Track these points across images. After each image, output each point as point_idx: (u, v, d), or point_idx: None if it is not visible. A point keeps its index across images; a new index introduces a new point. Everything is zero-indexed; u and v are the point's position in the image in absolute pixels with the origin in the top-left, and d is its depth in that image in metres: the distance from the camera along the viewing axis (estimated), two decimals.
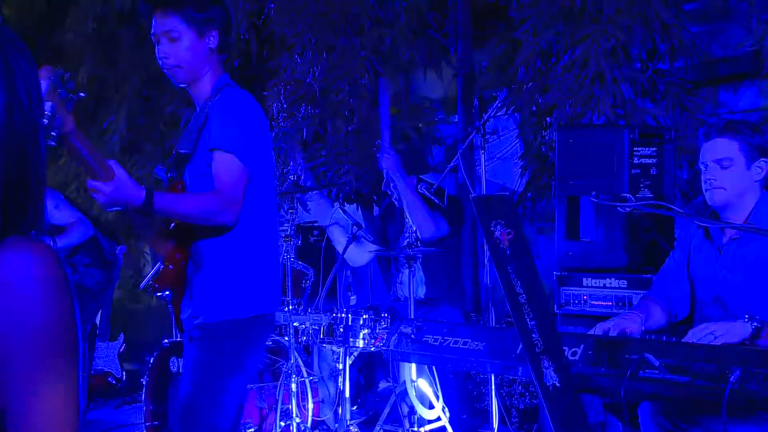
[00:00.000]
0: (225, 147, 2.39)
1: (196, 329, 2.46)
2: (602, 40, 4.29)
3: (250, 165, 2.42)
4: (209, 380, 2.42)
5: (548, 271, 3.74)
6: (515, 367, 2.74)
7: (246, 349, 2.47)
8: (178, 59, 2.50)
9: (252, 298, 2.48)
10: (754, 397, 2.17)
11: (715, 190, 2.82)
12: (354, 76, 5.50)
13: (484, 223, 2.37)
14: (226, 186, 2.37)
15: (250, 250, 2.47)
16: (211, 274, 2.45)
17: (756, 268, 2.76)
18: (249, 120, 2.46)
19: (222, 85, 2.53)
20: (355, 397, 4.25)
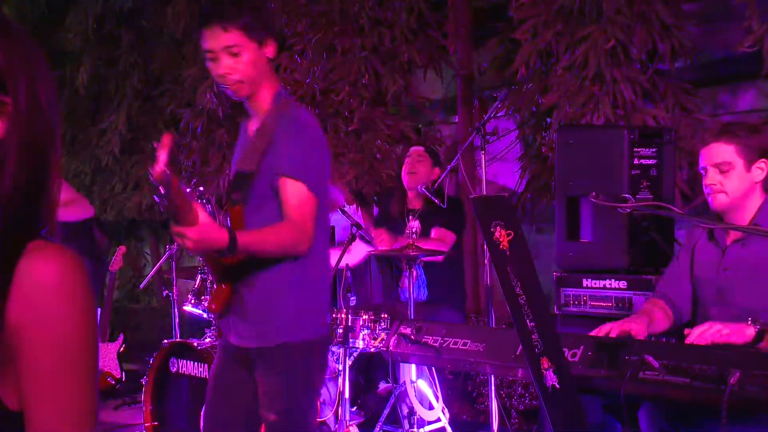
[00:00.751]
0: (296, 175, 2.33)
1: (263, 354, 2.42)
2: (602, 41, 4.28)
3: (319, 193, 2.38)
4: (290, 407, 2.41)
5: (548, 272, 3.73)
6: (515, 368, 2.74)
7: (316, 369, 2.47)
8: (241, 74, 2.39)
9: (314, 320, 2.45)
10: (754, 399, 2.17)
11: (716, 195, 2.82)
12: (354, 77, 5.50)
13: (483, 223, 2.37)
14: (299, 216, 2.32)
15: (309, 271, 2.43)
16: (272, 296, 2.40)
17: (759, 269, 2.75)
18: (317, 145, 2.41)
19: (281, 98, 2.45)
20: (355, 397, 4.25)
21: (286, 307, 2.40)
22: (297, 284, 2.41)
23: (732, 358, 2.27)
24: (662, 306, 2.96)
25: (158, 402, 4.28)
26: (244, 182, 2.41)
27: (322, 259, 2.49)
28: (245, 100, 2.47)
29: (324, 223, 2.47)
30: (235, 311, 2.45)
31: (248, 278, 2.41)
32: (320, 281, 2.47)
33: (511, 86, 4.81)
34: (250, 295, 2.42)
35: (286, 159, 2.35)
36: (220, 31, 2.36)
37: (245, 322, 2.44)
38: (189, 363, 4.13)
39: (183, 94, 6.93)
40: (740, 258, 2.81)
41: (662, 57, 4.35)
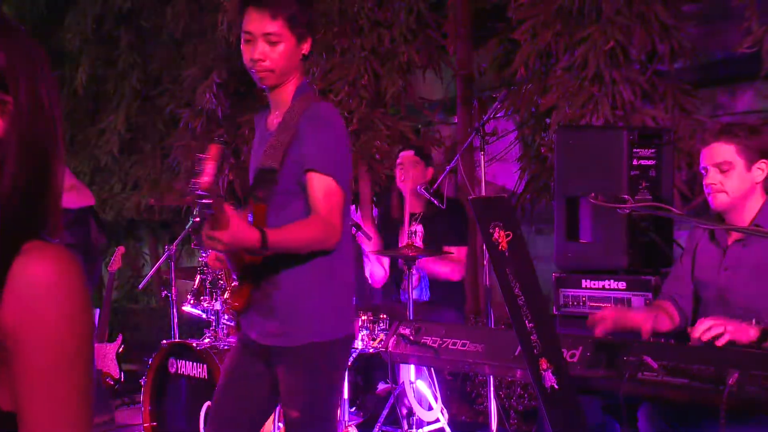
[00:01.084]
0: (324, 169, 2.32)
1: (288, 353, 2.42)
2: (601, 41, 4.28)
3: (346, 188, 2.38)
4: (313, 404, 2.42)
5: (547, 273, 3.73)
6: (513, 369, 2.74)
7: (338, 368, 2.47)
8: (273, 63, 2.38)
9: (339, 319, 2.45)
10: (753, 400, 2.17)
11: (716, 195, 2.82)
12: (353, 77, 5.49)
13: (482, 224, 2.37)
14: (327, 211, 2.31)
15: (333, 271, 2.42)
16: (299, 295, 2.40)
17: (760, 269, 2.75)
18: (342, 140, 2.40)
19: (303, 92, 2.45)
20: (354, 398, 4.24)
21: (312, 307, 2.40)
22: (323, 283, 2.41)
23: (730, 359, 2.27)
24: (668, 307, 2.95)
25: (157, 402, 4.28)
26: (267, 179, 2.40)
27: (348, 256, 2.49)
28: (268, 90, 2.46)
29: (348, 220, 2.46)
30: (259, 309, 2.45)
31: (274, 277, 2.41)
32: (346, 279, 2.47)
33: (511, 87, 4.81)
34: (277, 293, 2.41)
35: (313, 153, 2.33)
36: (267, 17, 2.35)
37: (271, 320, 2.43)
38: (188, 363, 4.13)
39: (182, 94, 6.93)
40: (741, 258, 2.82)
41: (661, 58, 4.35)
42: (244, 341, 2.54)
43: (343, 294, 2.46)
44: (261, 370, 2.49)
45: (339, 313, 2.44)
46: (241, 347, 2.55)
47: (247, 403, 2.51)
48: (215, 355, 3.97)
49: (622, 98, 4.30)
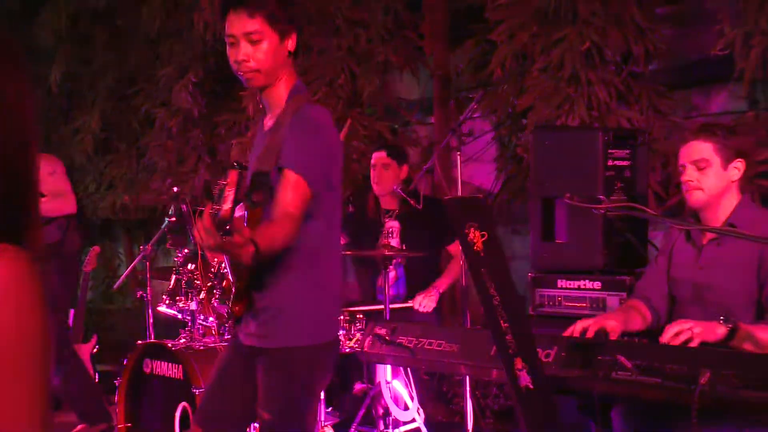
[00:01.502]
0: (296, 168, 2.31)
1: (266, 355, 2.43)
2: (577, 43, 4.31)
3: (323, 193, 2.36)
4: (286, 408, 2.42)
5: (523, 273, 3.75)
6: (489, 369, 2.75)
7: (317, 373, 2.46)
8: (258, 63, 2.37)
9: (320, 326, 2.45)
10: (724, 399, 2.19)
11: (693, 192, 2.85)
12: (330, 77, 5.49)
13: (458, 225, 2.37)
14: (297, 210, 2.31)
15: (317, 276, 2.42)
16: (282, 298, 2.40)
17: (734, 268, 2.79)
18: (326, 147, 2.38)
19: (297, 93, 2.43)
20: (330, 398, 4.24)
21: (294, 311, 2.40)
22: (309, 290, 2.41)
23: (703, 358, 2.29)
24: (640, 307, 2.98)
25: (132, 403, 4.25)
26: (262, 182, 2.39)
27: (336, 265, 2.50)
28: (259, 92, 2.46)
29: (331, 221, 2.45)
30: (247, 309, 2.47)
31: (262, 280, 2.42)
32: (332, 287, 2.47)
33: (487, 87, 4.82)
34: (260, 295, 2.42)
35: (289, 153, 2.33)
36: (245, 16, 2.34)
37: (254, 321, 2.45)
38: (163, 364, 4.11)
39: (158, 94, 6.88)
40: (716, 257, 2.85)
41: (636, 59, 4.38)
42: (235, 340, 2.56)
43: (327, 301, 2.46)
44: (247, 369, 2.50)
45: (320, 320, 2.44)
46: (233, 346, 2.58)
47: (235, 400, 2.53)
48: (191, 356, 3.95)
49: (598, 99, 4.33)
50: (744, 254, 2.77)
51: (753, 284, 2.74)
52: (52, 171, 4.72)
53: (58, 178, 4.73)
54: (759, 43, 3.88)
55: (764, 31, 3.88)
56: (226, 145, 6.20)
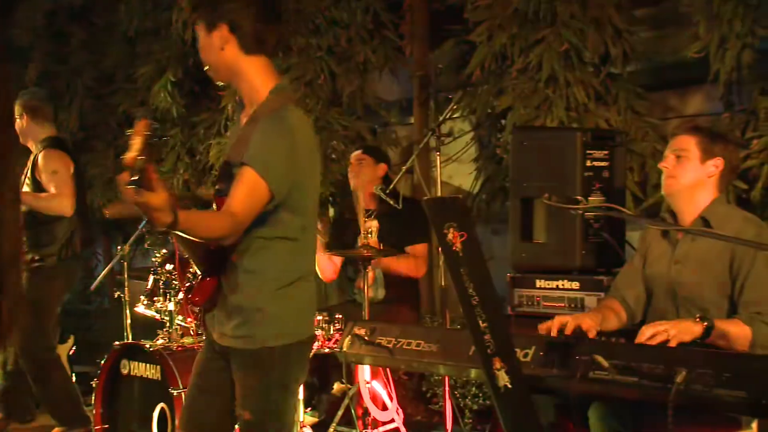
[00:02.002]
0: (260, 170, 2.29)
1: (243, 355, 2.42)
2: (556, 44, 4.33)
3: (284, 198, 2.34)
4: (265, 407, 2.42)
5: (503, 273, 3.76)
6: (468, 369, 2.76)
7: (293, 371, 2.46)
8: (203, 58, 2.42)
9: (296, 325, 2.45)
10: (700, 397, 2.21)
11: (666, 179, 2.94)
12: (310, 77, 5.48)
13: (437, 225, 2.38)
14: (243, 211, 2.28)
15: (292, 276, 2.42)
16: (256, 299, 2.39)
17: (706, 262, 2.84)
18: (294, 150, 2.35)
19: (277, 92, 2.40)
20: (309, 398, 4.23)
21: (267, 314, 2.40)
22: (281, 291, 2.40)
23: (678, 357, 2.31)
24: (616, 306, 3.02)
25: (109, 405, 4.22)
26: (229, 173, 2.39)
27: (309, 262, 2.50)
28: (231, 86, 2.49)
29: (305, 220, 2.45)
30: (221, 310, 2.46)
31: (236, 280, 2.40)
32: (305, 284, 2.47)
33: (467, 88, 4.84)
34: (236, 297, 2.41)
35: (254, 149, 2.32)
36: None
37: (229, 322, 2.44)
38: (140, 365, 4.09)
39: (136, 93, 6.84)
40: (689, 252, 2.91)
41: (614, 61, 4.41)
42: (209, 340, 2.55)
43: (302, 299, 2.46)
44: (223, 366, 2.50)
45: (297, 318, 2.45)
46: (207, 345, 2.57)
47: (215, 397, 2.52)
48: (169, 356, 3.93)
49: (576, 100, 4.35)
50: (716, 250, 2.82)
51: (725, 279, 2.79)
52: (53, 170, 4.64)
53: (59, 178, 4.64)
54: (733, 46, 3.93)
55: (739, 34, 3.92)
56: (205, 145, 6.18)
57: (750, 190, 3.94)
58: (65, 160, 4.71)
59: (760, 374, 2.15)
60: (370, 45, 5.55)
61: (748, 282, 2.73)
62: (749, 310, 2.70)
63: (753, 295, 2.72)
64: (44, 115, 4.84)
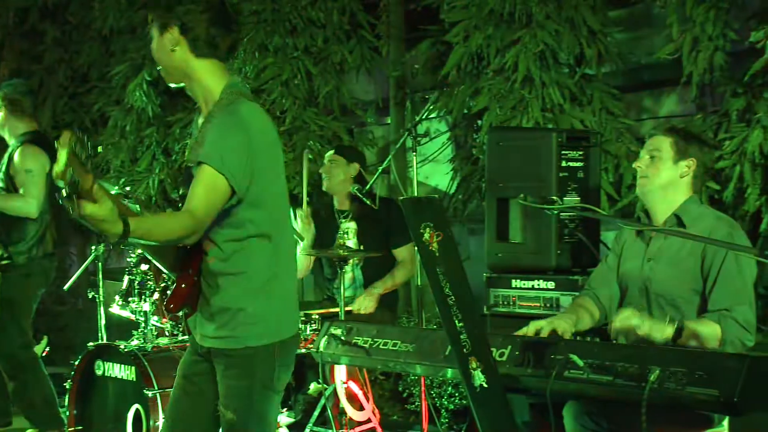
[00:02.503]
0: (216, 165, 2.27)
1: (227, 355, 2.41)
2: (531, 45, 4.36)
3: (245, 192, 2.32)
4: (249, 406, 2.41)
5: (479, 273, 3.78)
6: (444, 368, 2.77)
7: (277, 370, 2.45)
8: (157, 61, 2.42)
9: (278, 323, 2.44)
10: (673, 396, 2.24)
11: (640, 179, 2.97)
12: (286, 77, 5.47)
13: (413, 225, 2.38)
14: (202, 207, 2.26)
15: (271, 274, 2.41)
16: (238, 300, 2.39)
17: (678, 259, 2.87)
18: (251, 146, 2.32)
19: (231, 90, 2.39)
20: (285, 399, 4.23)
21: (249, 314, 2.39)
22: (262, 288, 2.40)
23: (652, 356, 2.33)
24: (589, 305, 3.05)
25: (83, 406, 4.19)
26: (190, 176, 2.37)
27: (291, 260, 2.49)
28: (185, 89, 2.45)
29: (278, 215, 2.44)
30: (202, 312, 2.45)
31: (214, 282, 2.39)
32: (286, 282, 2.46)
33: (443, 88, 4.85)
34: (215, 298, 2.40)
35: (208, 147, 2.30)
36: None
37: (209, 324, 2.43)
38: (115, 366, 4.06)
39: (111, 92, 6.78)
40: (662, 249, 2.94)
41: (589, 62, 4.45)
42: (192, 341, 2.54)
43: (282, 297, 2.45)
44: (207, 369, 2.49)
45: (278, 317, 2.44)
46: (191, 348, 2.56)
47: (200, 400, 2.51)
48: (144, 357, 3.91)
49: (552, 101, 4.38)
50: (688, 247, 2.85)
51: (697, 276, 2.83)
52: (27, 169, 4.57)
53: (30, 178, 4.57)
54: (706, 48, 3.97)
55: (711, 37, 3.97)
56: (181, 145, 6.15)
57: (722, 190, 3.99)
58: (41, 158, 4.63)
59: (732, 373, 2.18)
60: (346, 45, 5.56)
61: (719, 280, 2.77)
62: (719, 308, 2.74)
63: (723, 293, 2.76)
64: (24, 108, 4.77)
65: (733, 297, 2.74)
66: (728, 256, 2.76)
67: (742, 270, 2.77)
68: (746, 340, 2.72)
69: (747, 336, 2.71)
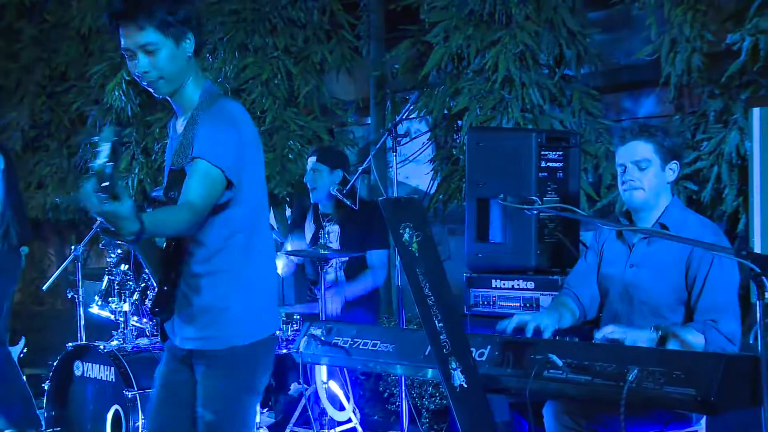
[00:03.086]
0: (212, 159, 2.27)
1: (209, 356, 2.40)
2: (511, 46, 4.38)
3: (238, 186, 2.32)
4: (230, 407, 2.40)
5: (459, 273, 3.79)
6: (424, 369, 2.77)
7: (259, 371, 2.45)
8: (160, 71, 2.34)
9: (260, 321, 2.43)
10: (651, 395, 2.25)
11: (634, 191, 2.89)
12: (266, 76, 5.46)
13: (393, 225, 2.39)
14: (200, 199, 2.26)
15: (252, 272, 2.41)
16: (220, 300, 2.38)
17: (662, 267, 2.85)
18: (240, 135, 2.34)
19: (209, 92, 2.40)
20: (266, 399, 4.22)
21: (232, 313, 2.38)
22: (244, 287, 2.39)
23: (631, 356, 2.35)
24: (569, 303, 3.04)
25: (61, 407, 4.16)
26: (178, 179, 2.36)
27: (270, 257, 2.49)
28: (168, 96, 2.42)
29: (259, 213, 2.44)
30: (180, 314, 2.43)
31: (196, 284, 2.38)
32: (266, 280, 2.46)
33: (423, 88, 4.86)
34: (197, 299, 2.39)
35: (201, 142, 2.31)
36: (135, 30, 2.30)
37: (191, 325, 2.41)
38: (94, 366, 4.03)
39: (90, 91, 6.75)
40: (646, 255, 2.90)
41: (569, 63, 4.47)
42: (171, 348, 2.52)
43: (264, 295, 2.45)
44: (186, 378, 2.47)
45: (260, 315, 2.44)
46: (169, 355, 2.54)
47: (180, 410, 2.48)
48: (123, 358, 3.88)
49: (531, 101, 4.40)
50: (673, 255, 2.83)
51: (680, 284, 2.81)
52: None
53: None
54: (683, 50, 4.01)
55: (689, 38, 4.00)
56: (161, 145, 6.12)
57: (700, 191, 4.02)
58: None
59: (709, 372, 2.20)
60: (326, 45, 5.56)
61: (704, 289, 2.75)
62: (704, 317, 2.72)
63: (708, 302, 2.74)
64: None
65: (718, 307, 2.72)
66: (714, 266, 2.73)
67: (727, 280, 2.75)
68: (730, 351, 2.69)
69: (731, 348, 2.69)
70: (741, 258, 2.26)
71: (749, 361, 2.26)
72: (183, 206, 2.27)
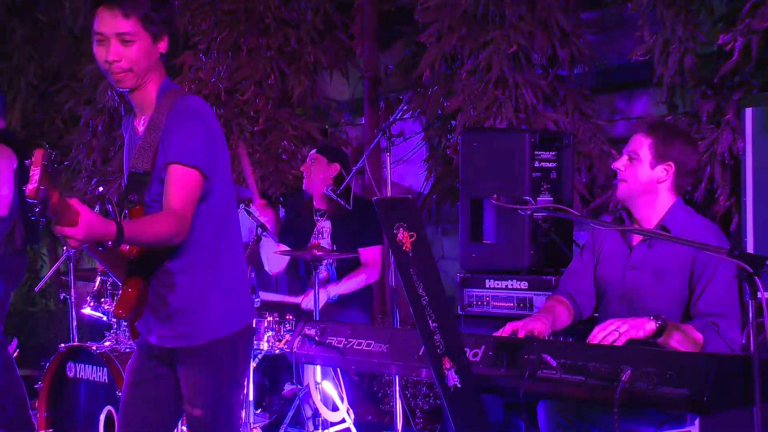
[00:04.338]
0: (185, 161, 2.27)
1: (190, 353, 2.40)
2: (505, 46, 4.38)
3: (213, 179, 2.33)
4: (217, 401, 2.41)
5: (453, 273, 3.79)
6: (418, 369, 2.77)
7: (240, 362, 2.46)
8: (130, 63, 2.30)
9: (237, 312, 2.44)
10: (644, 395, 2.26)
11: (619, 183, 2.88)
12: (260, 77, 5.45)
13: (386, 225, 2.39)
14: (181, 206, 2.26)
15: (224, 264, 2.41)
16: (195, 296, 2.38)
17: (663, 270, 2.81)
18: (209, 132, 2.34)
19: (167, 90, 2.38)
20: (260, 399, 4.21)
21: (209, 307, 2.39)
22: (218, 282, 2.39)
23: (624, 356, 2.35)
24: (564, 303, 3.00)
25: (54, 408, 4.15)
26: (140, 182, 2.35)
27: (238, 249, 2.48)
28: (128, 92, 2.39)
29: (228, 208, 2.43)
30: (156, 313, 2.41)
31: (170, 281, 2.37)
32: (238, 272, 2.46)
33: (417, 89, 4.86)
34: (171, 296, 2.38)
35: (176, 146, 2.29)
36: (120, 16, 2.27)
37: (168, 324, 2.40)
38: (87, 367, 4.02)
39: (82, 91, 6.72)
40: (646, 258, 2.86)
41: (562, 63, 4.48)
42: (143, 345, 2.50)
43: (237, 286, 2.46)
44: (163, 373, 2.46)
45: (236, 306, 2.44)
46: (141, 352, 2.52)
47: (153, 407, 2.48)
48: (116, 358, 3.88)
49: (525, 102, 4.41)
50: (675, 259, 2.78)
51: (683, 290, 2.77)
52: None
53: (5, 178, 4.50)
54: (676, 50, 4.01)
55: (681, 39, 4.01)
56: None
57: (693, 191, 4.03)
58: (9, 156, 4.57)
59: (702, 372, 2.20)
60: (320, 45, 5.55)
61: (707, 290, 2.71)
62: (705, 319, 2.69)
63: (710, 302, 2.70)
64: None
65: (720, 309, 2.69)
66: (720, 267, 2.69)
67: (732, 286, 2.71)
68: None
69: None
70: (733, 258, 2.27)
71: (742, 361, 2.27)
72: (166, 214, 2.27)
